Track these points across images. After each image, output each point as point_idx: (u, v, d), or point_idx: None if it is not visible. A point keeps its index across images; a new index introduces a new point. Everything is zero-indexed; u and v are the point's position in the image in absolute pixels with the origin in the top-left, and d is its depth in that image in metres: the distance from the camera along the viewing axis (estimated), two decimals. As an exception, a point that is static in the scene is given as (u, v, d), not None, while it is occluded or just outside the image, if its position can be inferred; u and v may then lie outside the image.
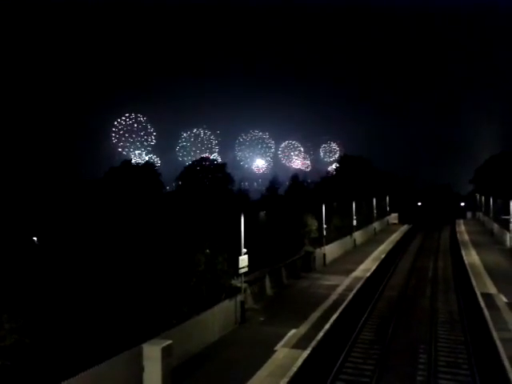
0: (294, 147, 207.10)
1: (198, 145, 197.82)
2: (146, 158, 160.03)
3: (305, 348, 20.15)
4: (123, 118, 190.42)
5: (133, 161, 75.35)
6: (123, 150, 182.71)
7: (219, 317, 22.20)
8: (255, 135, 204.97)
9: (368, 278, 35.88)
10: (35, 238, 40.56)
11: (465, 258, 44.65)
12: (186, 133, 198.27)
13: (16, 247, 33.29)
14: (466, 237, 64.88)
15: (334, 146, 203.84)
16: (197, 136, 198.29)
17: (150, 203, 52.19)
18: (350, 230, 54.40)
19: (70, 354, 15.61)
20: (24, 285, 21.00)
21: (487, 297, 28.48)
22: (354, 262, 43.51)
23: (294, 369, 17.94)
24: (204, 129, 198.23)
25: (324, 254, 41.79)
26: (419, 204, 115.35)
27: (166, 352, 16.21)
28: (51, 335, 16.32)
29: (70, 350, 16.03)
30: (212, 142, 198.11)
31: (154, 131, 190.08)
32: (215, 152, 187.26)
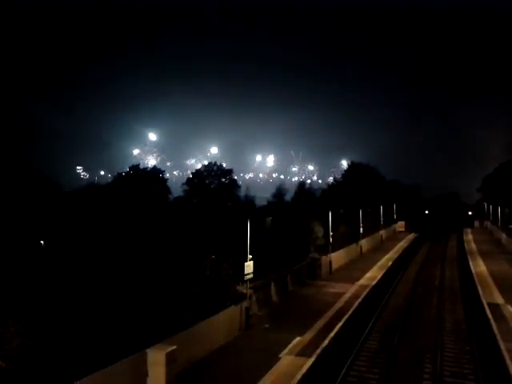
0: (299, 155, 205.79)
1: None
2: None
3: (309, 356, 20.05)
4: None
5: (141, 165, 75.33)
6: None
7: (224, 323, 22.16)
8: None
9: (374, 286, 35.70)
10: (42, 242, 40.74)
11: (472, 267, 44.31)
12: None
13: (23, 250, 33.45)
14: (474, 246, 64.37)
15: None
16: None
17: (156, 208, 52.33)
18: (357, 238, 54.19)
19: (73, 359, 15.61)
20: (30, 288, 21.07)
21: (494, 307, 28.21)
22: (360, 269, 43.29)
23: (299, 377, 17.86)
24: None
25: (330, 262, 41.63)
26: (426, 212, 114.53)
27: (171, 357, 16.18)
28: (55, 339, 16.33)
29: (73, 354, 16.03)
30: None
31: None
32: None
